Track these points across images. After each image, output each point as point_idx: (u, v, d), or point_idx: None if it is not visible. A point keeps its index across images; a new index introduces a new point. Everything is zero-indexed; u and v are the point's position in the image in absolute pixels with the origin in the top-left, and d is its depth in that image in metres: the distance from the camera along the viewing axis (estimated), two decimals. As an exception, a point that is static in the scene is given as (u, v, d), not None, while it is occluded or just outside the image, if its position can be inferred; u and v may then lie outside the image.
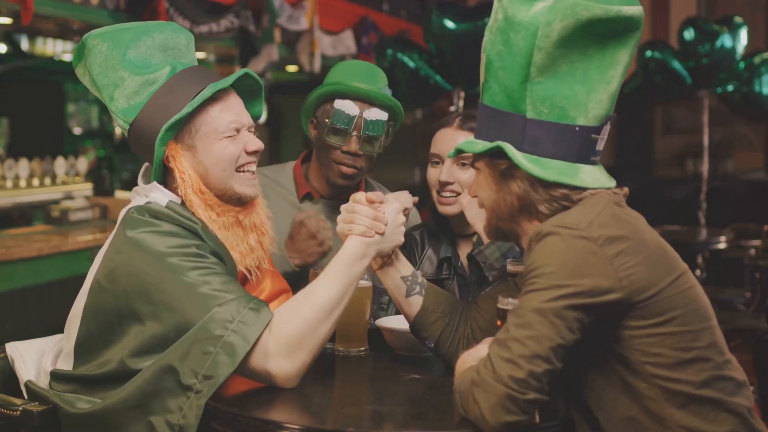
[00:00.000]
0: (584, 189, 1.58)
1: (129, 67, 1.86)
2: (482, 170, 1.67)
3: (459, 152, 1.70)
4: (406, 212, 2.21)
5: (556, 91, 1.56)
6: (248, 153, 1.91)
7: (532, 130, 1.57)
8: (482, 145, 1.62)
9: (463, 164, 2.22)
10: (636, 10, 1.55)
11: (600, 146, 1.61)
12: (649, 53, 6.11)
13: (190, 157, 1.87)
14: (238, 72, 1.93)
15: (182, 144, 1.87)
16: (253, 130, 1.95)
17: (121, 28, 1.91)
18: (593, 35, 1.54)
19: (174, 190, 1.89)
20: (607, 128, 1.61)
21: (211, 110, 1.87)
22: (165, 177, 1.91)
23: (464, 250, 2.35)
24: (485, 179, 1.66)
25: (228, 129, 1.88)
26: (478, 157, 1.67)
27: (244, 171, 1.91)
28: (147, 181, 1.93)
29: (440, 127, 2.31)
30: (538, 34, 1.54)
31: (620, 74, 1.59)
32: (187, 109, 1.82)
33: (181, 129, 1.86)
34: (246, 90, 1.98)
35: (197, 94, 1.85)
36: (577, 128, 1.57)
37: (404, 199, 2.27)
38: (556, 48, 1.54)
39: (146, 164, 1.97)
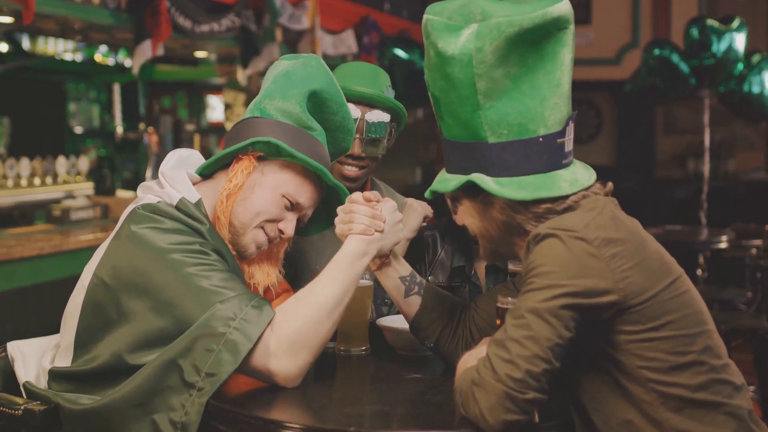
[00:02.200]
0: (566, 197, 1.57)
1: (302, 103, 1.90)
2: (463, 202, 1.66)
3: (434, 194, 1.69)
4: (425, 221, 2.23)
5: (509, 109, 1.54)
6: (278, 229, 1.91)
7: (497, 153, 1.55)
8: (454, 183, 1.60)
9: None
10: (562, 7, 1.53)
11: (569, 147, 1.59)
12: (653, 52, 6.10)
13: (249, 177, 1.88)
14: (343, 187, 1.94)
15: (255, 163, 1.88)
16: (300, 218, 1.94)
17: (330, 81, 1.95)
18: (527, 45, 1.52)
19: (207, 185, 1.91)
20: (571, 128, 1.59)
21: (300, 173, 1.89)
22: (213, 172, 1.93)
23: (482, 260, 2.32)
24: (468, 210, 1.66)
25: (291, 197, 1.89)
26: (454, 193, 1.65)
27: (264, 231, 1.90)
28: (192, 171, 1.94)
29: None
30: (472, 62, 1.52)
31: (567, 73, 1.57)
32: (290, 149, 1.85)
33: (267, 160, 1.88)
34: (326, 203, 2.00)
35: (309, 156, 1.87)
36: (540, 139, 1.55)
37: (425, 207, 2.30)
38: (495, 69, 1.52)
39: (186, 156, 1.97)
